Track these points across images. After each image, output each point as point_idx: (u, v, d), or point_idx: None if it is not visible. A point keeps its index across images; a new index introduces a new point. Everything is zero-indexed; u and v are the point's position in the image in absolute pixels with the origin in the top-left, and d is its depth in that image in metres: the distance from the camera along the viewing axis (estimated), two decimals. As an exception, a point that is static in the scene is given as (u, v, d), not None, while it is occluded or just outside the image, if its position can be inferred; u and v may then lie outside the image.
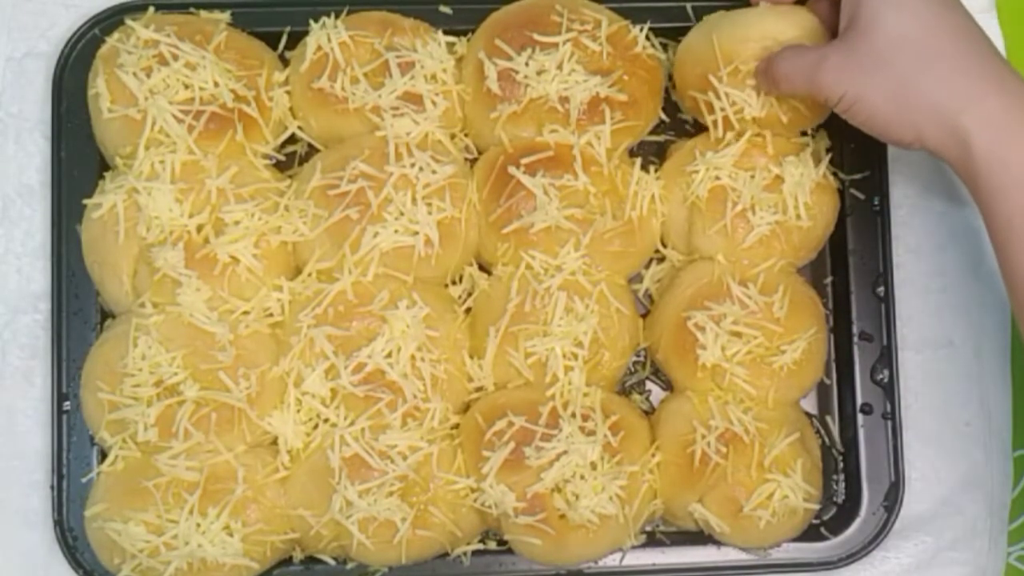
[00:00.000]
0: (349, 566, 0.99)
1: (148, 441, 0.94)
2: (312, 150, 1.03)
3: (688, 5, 1.04)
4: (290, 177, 1.01)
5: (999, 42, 1.08)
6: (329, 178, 0.97)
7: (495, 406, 0.97)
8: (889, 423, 1.02)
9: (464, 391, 0.99)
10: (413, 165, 0.97)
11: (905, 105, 0.86)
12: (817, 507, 0.98)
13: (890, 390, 1.02)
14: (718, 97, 0.98)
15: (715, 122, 1.00)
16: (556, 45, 0.99)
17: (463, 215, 0.98)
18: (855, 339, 1.02)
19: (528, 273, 0.98)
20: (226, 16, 1.01)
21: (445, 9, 1.03)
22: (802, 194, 0.98)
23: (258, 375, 0.95)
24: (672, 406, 1.00)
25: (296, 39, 1.02)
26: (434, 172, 0.97)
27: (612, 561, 1.00)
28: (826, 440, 1.04)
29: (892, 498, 1.01)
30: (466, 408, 0.99)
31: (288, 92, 1.01)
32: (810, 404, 1.04)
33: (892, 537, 1.02)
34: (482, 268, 1.02)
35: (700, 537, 1.00)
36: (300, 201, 0.97)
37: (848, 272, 1.03)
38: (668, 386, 1.04)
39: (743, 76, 0.98)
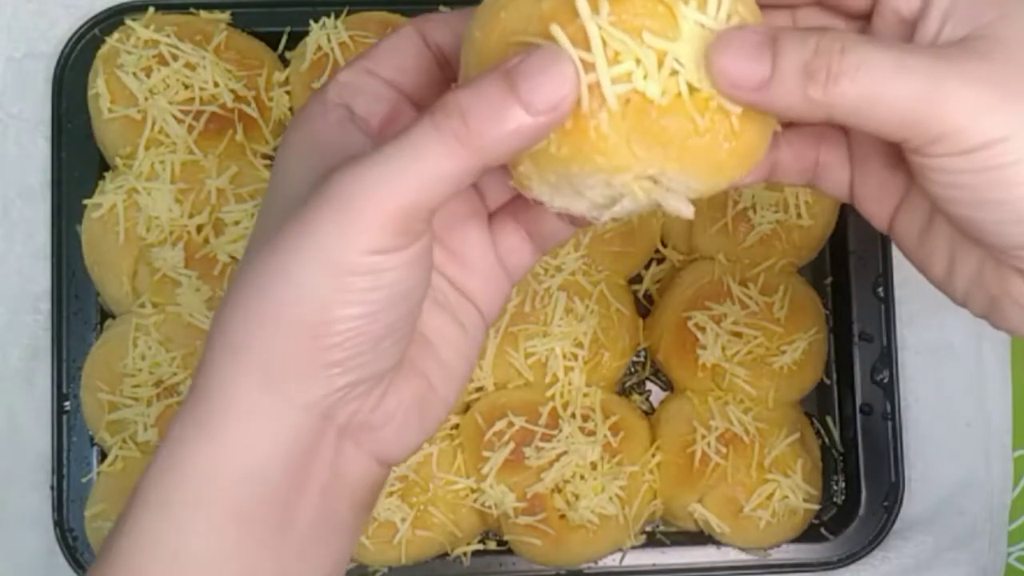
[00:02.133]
0: (349, 566, 0.99)
1: (148, 441, 0.94)
2: (312, 150, 1.03)
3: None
4: (290, 177, 1.01)
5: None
6: (329, 178, 0.97)
7: (495, 406, 0.97)
8: (889, 423, 1.01)
9: (464, 391, 0.99)
10: (413, 165, 0.97)
11: None
12: (817, 507, 0.98)
13: (890, 390, 1.02)
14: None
15: None
16: (556, 45, 0.99)
17: (463, 215, 0.98)
18: (855, 339, 1.02)
19: (528, 273, 0.98)
20: (226, 16, 1.01)
21: (445, 9, 1.03)
22: (803, 192, 0.98)
23: (258, 375, 0.95)
24: (672, 406, 1.00)
25: (296, 39, 1.02)
26: (434, 172, 0.97)
27: (612, 561, 1.00)
28: (826, 440, 1.04)
29: (892, 498, 1.01)
30: (466, 408, 0.99)
31: (288, 92, 1.01)
32: (810, 404, 1.04)
33: (892, 537, 1.02)
34: (482, 268, 1.02)
35: (700, 537, 1.00)
36: (300, 201, 0.97)
37: (848, 272, 1.03)
38: (668, 386, 1.04)
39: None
